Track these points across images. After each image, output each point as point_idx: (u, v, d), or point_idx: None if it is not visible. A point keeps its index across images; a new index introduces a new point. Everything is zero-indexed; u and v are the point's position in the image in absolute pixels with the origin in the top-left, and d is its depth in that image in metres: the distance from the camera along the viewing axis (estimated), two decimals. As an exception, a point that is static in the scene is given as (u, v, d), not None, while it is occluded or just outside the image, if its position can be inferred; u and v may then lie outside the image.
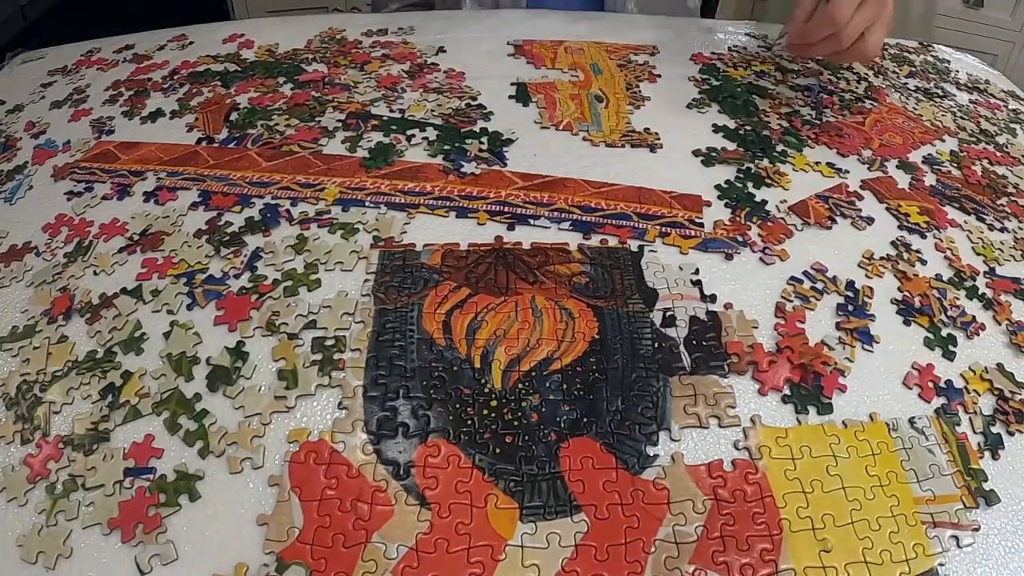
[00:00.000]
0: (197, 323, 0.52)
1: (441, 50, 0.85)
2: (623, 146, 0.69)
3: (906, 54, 0.94)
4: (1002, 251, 0.62)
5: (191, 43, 0.90)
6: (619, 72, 0.82)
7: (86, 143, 0.72)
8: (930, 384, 0.50)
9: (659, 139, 0.70)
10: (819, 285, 0.56)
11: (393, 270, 0.56)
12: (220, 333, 0.52)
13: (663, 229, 0.60)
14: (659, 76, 0.81)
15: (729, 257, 0.58)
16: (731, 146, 0.70)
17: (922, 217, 0.64)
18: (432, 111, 0.73)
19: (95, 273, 0.57)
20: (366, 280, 0.55)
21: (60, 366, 0.50)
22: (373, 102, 0.75)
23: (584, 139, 0.70)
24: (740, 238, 0.60)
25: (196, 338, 0.51)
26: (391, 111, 0.73)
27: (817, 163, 0.69)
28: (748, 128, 0.73)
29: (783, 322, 0.53)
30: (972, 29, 2.10)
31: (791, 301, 0.54)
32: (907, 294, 0.56)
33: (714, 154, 0.69)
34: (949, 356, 0.53)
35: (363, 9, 2.20)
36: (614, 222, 0.61)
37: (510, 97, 0.76)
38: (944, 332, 0.54)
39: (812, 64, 0.88)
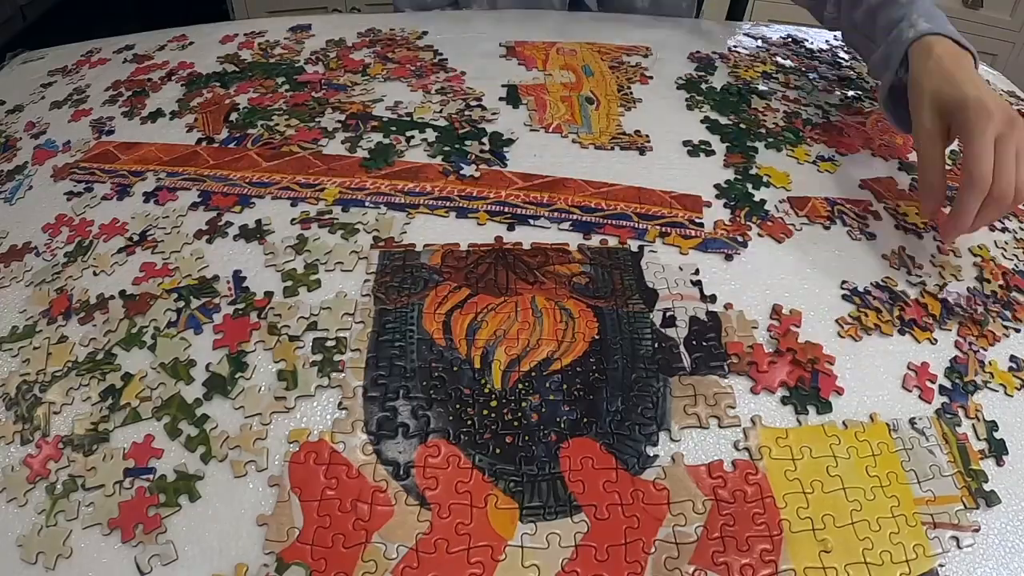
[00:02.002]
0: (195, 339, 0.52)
1: (437, 52, 0.85)
2: (612, 148, 0.69)
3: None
4: (1004, 250, 0.62)
5: (191, 43, 0.90)
6: (610, 74, 0.81)
7: (86, 143, 0.72)
8: (928, 384, 0.50)
9: (649, 141, 0.70)
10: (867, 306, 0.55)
11: (393, 270, 0.56)
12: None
13: (663, 229, 0.60)
14: (651, 78, 0.81)
15: (729, 257, 0.58)
16: (720, 140, 0.70)
17: (921, 217, 0.64)
18: (438, 111, 0.73)
19: (94, 273, 0.57)
20: (366, 280, 0.55)
21: (60, 366, 0.50)
22: (373, 103, 0.75)
23: (573, 141, 0.70)
24: (740, 238, 0.60)
25: (194, 342, 0.51)
26: (394, 113, 0.73)
27: (821, 157, 0.69)
28: (743, 126, 0.73)
29: (777, 323, 0.53)
30: (971, 29, 2.10)
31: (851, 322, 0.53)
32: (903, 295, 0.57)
33: (703, 147, 0.69)
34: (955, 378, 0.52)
35: (363, 9, 2.20)
36: (614, 222, 0.60)
37: (500, 99, 0.75)
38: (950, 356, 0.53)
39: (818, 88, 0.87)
